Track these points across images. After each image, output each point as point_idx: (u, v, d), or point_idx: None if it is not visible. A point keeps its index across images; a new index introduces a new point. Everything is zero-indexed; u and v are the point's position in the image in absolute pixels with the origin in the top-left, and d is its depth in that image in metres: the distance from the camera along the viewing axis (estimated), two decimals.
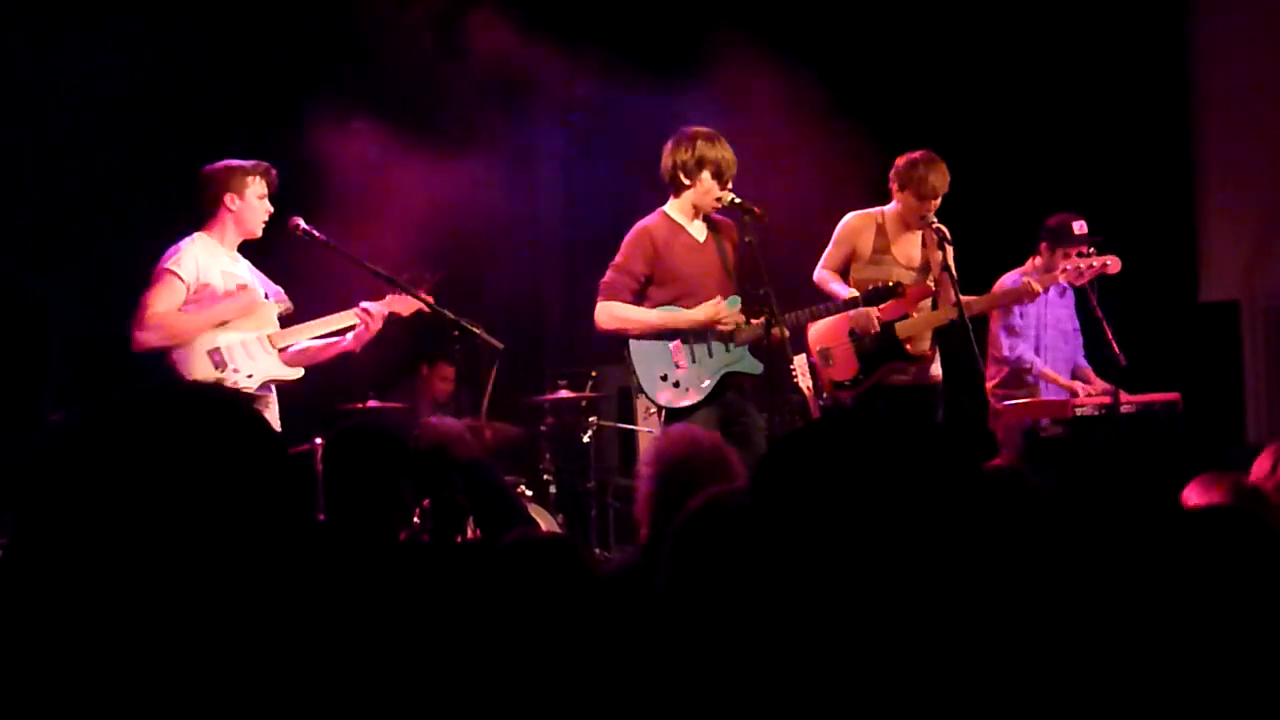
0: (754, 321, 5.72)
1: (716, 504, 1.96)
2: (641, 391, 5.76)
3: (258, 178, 5.48)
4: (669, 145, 5.82)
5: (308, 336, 5.57)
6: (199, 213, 5.50)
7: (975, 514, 1.56)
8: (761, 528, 1.62)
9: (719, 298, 5.71)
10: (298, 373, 5.55)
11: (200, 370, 5.28)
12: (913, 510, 1.54)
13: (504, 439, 7.16)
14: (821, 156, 7.62)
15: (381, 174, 7.16)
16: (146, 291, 5.33)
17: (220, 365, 5.34)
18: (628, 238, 5.82)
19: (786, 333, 5.59)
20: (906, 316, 6.12)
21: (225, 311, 5.38)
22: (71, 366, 5.32)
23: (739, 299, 5.79)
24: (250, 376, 5.38)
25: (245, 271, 5.57)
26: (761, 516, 1.62)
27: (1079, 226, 6.59)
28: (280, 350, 5.53)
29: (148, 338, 5.28)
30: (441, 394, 7.73)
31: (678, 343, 5.72)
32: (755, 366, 5.78)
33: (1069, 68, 8.39)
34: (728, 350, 5.74)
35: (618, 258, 5.79)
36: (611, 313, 5.73)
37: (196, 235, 5.45)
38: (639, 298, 5.76)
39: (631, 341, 5.72)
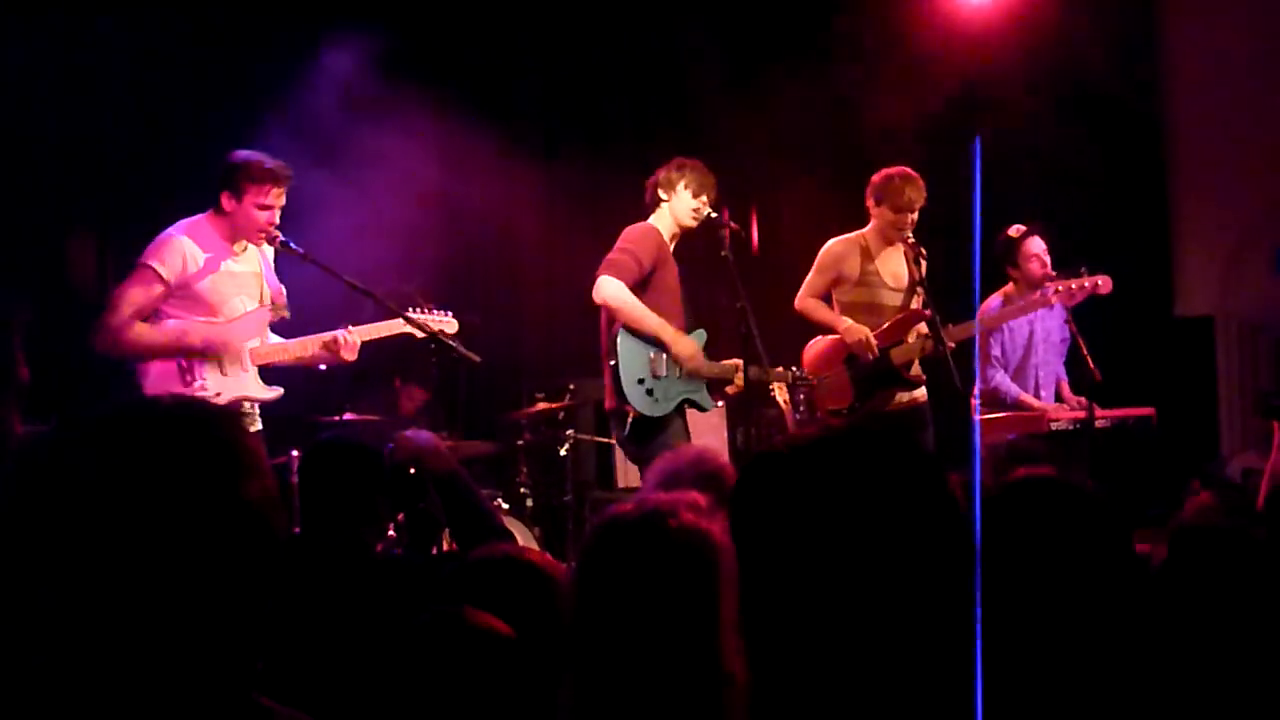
0: (724, 361, 5.83)
1: (615, 524, 1.97)
2: (619, 391, 5.70)
3: (264, 186, 5.12)
4: (657, 171, 5.90)
5: (286, 359, 5.33)
6: (207, 196, 5.23)
7: (953, 529, 1.56)
8: (737, 545, 1.62)
9: (697, 344, 5.78)
10: (275, 392, 5.30)
11: (163, 381, 5.05)
12: (888, 527, 1.54)
13: (473, 456, 7.14)
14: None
15: (359, 187, 7.14)
16: (121, 285, 5.10)
17: (186, 376, 5.08)
18: (637, 232, 5.80)
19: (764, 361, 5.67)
20: (901, 342, 6.13)
21: (192, 339, 5.10)
22: (39, 376, 5.21)
23: (704, 333, 5.88)
24: (218, 395, 5.07)
25: (253, 264, 5.30)
26: (737, 534, 1.62)
27: (1014, 229, 6.68)
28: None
29: (103, 344, 5.05)
30: (408, 412, 7.70)
31: (655, 353, 5.74)
32: (708, 403, 5.94)
33: (1045, 85, 8.42)
34: (692, 377, 5.81)
35: (627, 244, 5.75)
36: (620, 289, 5.65)
37: (192, 225, 5.17)
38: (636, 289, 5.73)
39: (621, 340, 5.69)
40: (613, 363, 5.70)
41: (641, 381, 5.70)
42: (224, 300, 5.21)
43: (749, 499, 1.61)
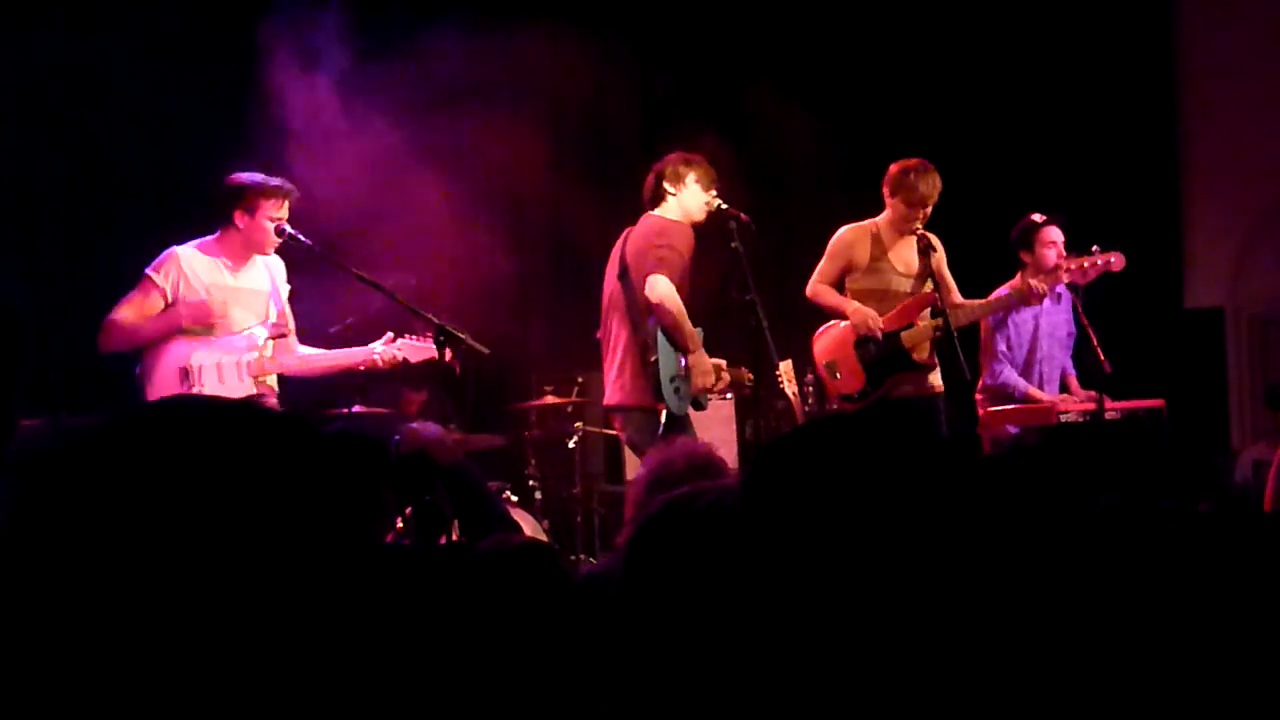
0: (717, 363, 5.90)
1: (675, 507, 1.94)
2: (656, 389, 5.72)
3: (275, 200, 5.37)
4: (656, 166, 5.88)
5: (294, 372, 5.56)
6: (213, 218, 5.45)
7: (969, 518, 1.55)
8: (751, 530, 1.61)
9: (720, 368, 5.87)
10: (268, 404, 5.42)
11: (165, 385, 5.23)
12: (904, 514, 1.54)
13: (481, 449, 7.14)
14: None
15: (367, 179, 7.14)
16: (126, 293, 5.34)
17: (187, 381, 5.27)
18: (673, 227, 5.78)
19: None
20: (911, 326, 6.12)
21: (177, 317, 5.31)
22: (42, 370, 5.28)
23: (701, 331, 5.89)
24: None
25: (260, 283, 5.52)
26: (751, 519, 1.61)
27: (1038, 216, 6.62)
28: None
29: (104, 340, 5.30)
30: (408, 412, 7.71)
31: (677, 352, 5.79)
32: (705, 400, 6.06)
33: (1056, 75, 8.41)
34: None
35: (670, 240, 5.73)
36: (672, 290, 5.65)
37: (198, 243, 5.43)
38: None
39: (661, 339, 5.71)
40: (654, 359, 5.70)
41: (672, 379, 5.74)
42: (224, 313, 5.38)
43: (764, 483, 1.60)
